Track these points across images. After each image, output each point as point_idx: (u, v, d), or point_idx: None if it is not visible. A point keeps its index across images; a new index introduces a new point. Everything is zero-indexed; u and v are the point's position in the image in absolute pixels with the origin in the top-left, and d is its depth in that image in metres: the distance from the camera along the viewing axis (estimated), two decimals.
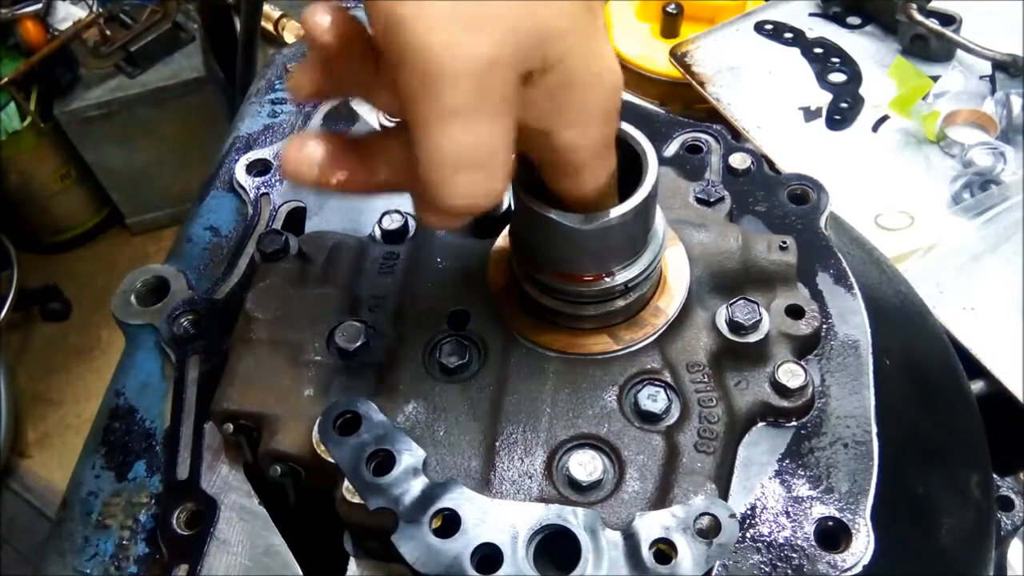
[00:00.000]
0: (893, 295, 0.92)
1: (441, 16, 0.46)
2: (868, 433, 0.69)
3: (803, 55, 1.54)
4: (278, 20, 2.54)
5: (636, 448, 0.65)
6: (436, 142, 0.48)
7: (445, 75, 0.46)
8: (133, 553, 0.74)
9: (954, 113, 1.40)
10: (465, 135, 0.48)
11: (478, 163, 0.50)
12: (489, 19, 0.46)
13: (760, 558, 0.64)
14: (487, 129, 0.49)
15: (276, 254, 0.80)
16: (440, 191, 0.50)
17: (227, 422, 0.71)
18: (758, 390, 0.70)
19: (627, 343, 0.69)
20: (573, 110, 0.52)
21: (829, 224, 0.85)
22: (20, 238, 3.24)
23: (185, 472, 0.74)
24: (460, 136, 0.48)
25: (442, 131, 0.48)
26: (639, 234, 0.64)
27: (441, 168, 0.49)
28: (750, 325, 0.69)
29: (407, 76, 0.47)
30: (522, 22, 0.47)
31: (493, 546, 0.57)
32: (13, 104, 2.88)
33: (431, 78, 0.46)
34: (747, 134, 1.41)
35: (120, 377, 0.85)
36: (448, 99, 0.47)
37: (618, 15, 1.67)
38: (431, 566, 0.56)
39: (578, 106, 0.52)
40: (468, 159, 0.49)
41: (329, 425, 0.63)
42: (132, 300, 0.87)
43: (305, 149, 0.55)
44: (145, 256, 3.30)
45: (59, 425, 3.01)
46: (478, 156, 0.49)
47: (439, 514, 0.58)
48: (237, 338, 0.75)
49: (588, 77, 0.52)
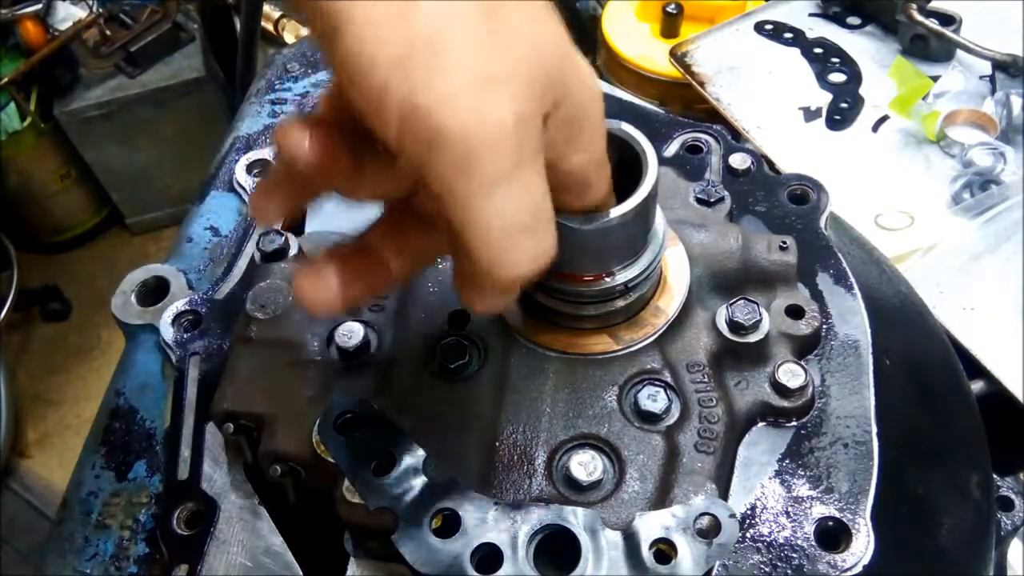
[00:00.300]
0: (893, 295, 0.92)
1: (460, 88, 0.43)
2: (868, 433, 0.69)
3: (803, 55, 1.54)
4: (278, 20, 2.55)
5: (636, 448, 0.65)
6: (487, 217, 0.45)
7: (485, 146, 0.43)
8: (133, 553, 0.74)
9: (954, 113, 1.39)
10: (513, 198, 0.45)
11: (531, 222, 0.46)
12: (506, 72, 0.44)
13: (760, 558, 0.64)
14: (530, 184, 0.46)
15: (276, 254, 0.80)
16: (502, 264, 0.47)
17: (227, 422, 0.71)
18: (758, 390, 0.70)
19: (627, 343, 0.69)
20: (584, 136, 0.51)
21: (829, 224, 0.85)
22: (20, 238, 3.23)
23: (185, 472, 0.74)
24: (509, 201, 0.45)
25: (490, 203, 0.44)
26: (639, 234, 0.64)
27: (499, 240, 0.46)
28: (750, 325, 0.69)
29: (441, 161, 0.43)
30: (534, 64, 0.45)
31: (493, 546, 0.57)
32: (13, 104, 2.87)
33: (470, 154, 0.43)
34: (747, 134, 1.41)
35: (120, 377, 0.85)
36: (490, 169, 0.44)
37: (618, 15, 1.67)
38: (431, 566, 0.56)
39: (588, 131, 0.51)
40: (521, 222, 0.46)
41: (329, 425, 0.63)
42: (132, 300, 0.87)
43: (320, 282, 0.54)
44: (145, 256, 3.30)
45: (59, 425, 3.00)
46: (529, 214, 0.46)
47: (439, 514, 0.58)
48: (237, 338, 0.75)
49: (591, 97, 0.51)
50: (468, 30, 0.44)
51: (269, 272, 0.79)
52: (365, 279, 0.55)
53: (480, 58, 0.43)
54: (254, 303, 0.76)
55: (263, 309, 0.75)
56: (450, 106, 0.42)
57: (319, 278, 0.54)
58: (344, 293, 0.54)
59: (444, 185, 0.44)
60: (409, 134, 0.43)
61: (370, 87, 0.43)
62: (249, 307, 0.76)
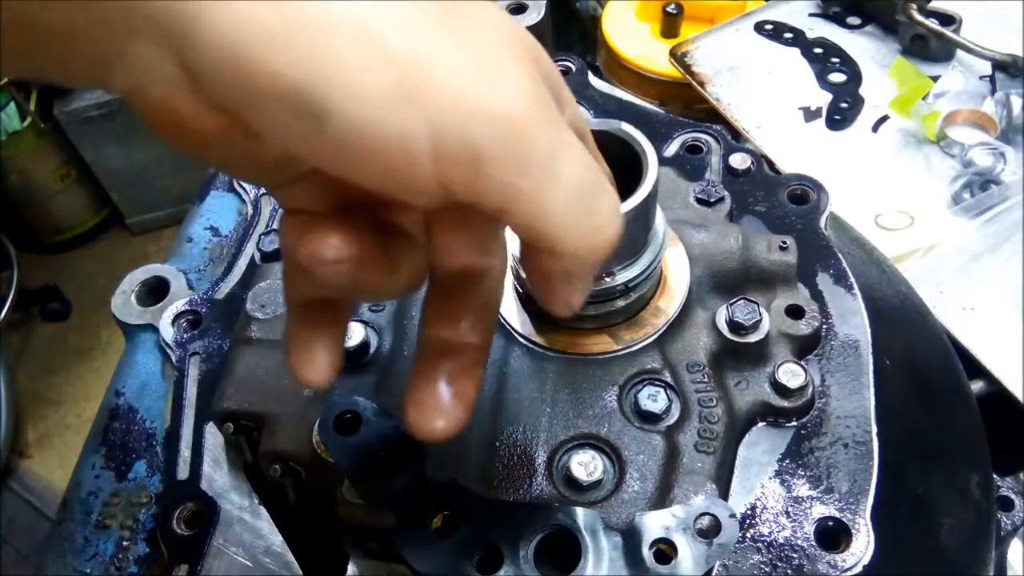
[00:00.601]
0: (893, 295, 0.92)
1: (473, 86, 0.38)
2: (868, 433, 0.69)
3: (803, 55, 1.54)
4: None
5: (636, 448, 0.65)
6: (560, 194, 0.41)
7: (528, 122, 0.39)
8: (133, 553, 0.74)
9: (954, 113, 1.39)
10: (571, 161, 0.42)
11: (594, 178, 0.43)
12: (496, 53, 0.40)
13: (760, 558, 0.64)
14: (572, 141, 0.42)
15: (276, 254, 0.80)
16: (589, 233, 0.43)
17: (227, 422, 0.71)
18: (758, 390, 0.70)
19: (627, 343, 0.69)
20: (565, 93, 0.49)
21: (829, 224, 0.85)
22: (20, 238, 3.24)
23: (185, 472, 0.74)
24: (569, 167, 0.41)
25: (556, 180, 0.40)
26: (639, 234, 0.64)
27: (578, 213, 0.42)
28: (750, 325, 0.69)
29: (496, 170, 0.39)
30: (508, 38, 0.42)
31: (493, 546, 0.57)
32: (13, 104, 2.88)
33: (519, 138, 0.39)
34: (747, 134, 1.40)
35: (120, 377, 0.85)
36: (541, 143, 0.40)
37: (618, 15, 1.66)
38: (431, 566, 0.56)
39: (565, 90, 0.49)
40: (588, 181, 0.43)
41: (329, 425, 0.63)
42: (132, 300, 0.87)
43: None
44: (145, 256, 3.30)
45: (59, 425, 3.01)
46: (590, 171, 0.43)
47: (439, 514, 0.58)
48: (237, 338, 0.75)
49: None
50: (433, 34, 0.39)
51: (269, 272, 0.79)
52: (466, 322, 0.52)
53: (467, 53, 0.39)
54: (254, 303, 0.76)
55: (263, 309, 0.75)
56: (478, 109, 0.38)
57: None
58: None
59: (505, 192, 0.39)
60: (449, 164, 0.38)
61: (382, 146, 0.37)
62: (249, 307, 0.76)
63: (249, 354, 0.74)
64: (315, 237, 0.42)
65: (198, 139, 0.41)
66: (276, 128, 0.38)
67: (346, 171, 0.39)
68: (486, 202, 0.40)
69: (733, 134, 1.04)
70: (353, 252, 0.43)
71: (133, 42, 0.37)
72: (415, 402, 0.50)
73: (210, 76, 0.37)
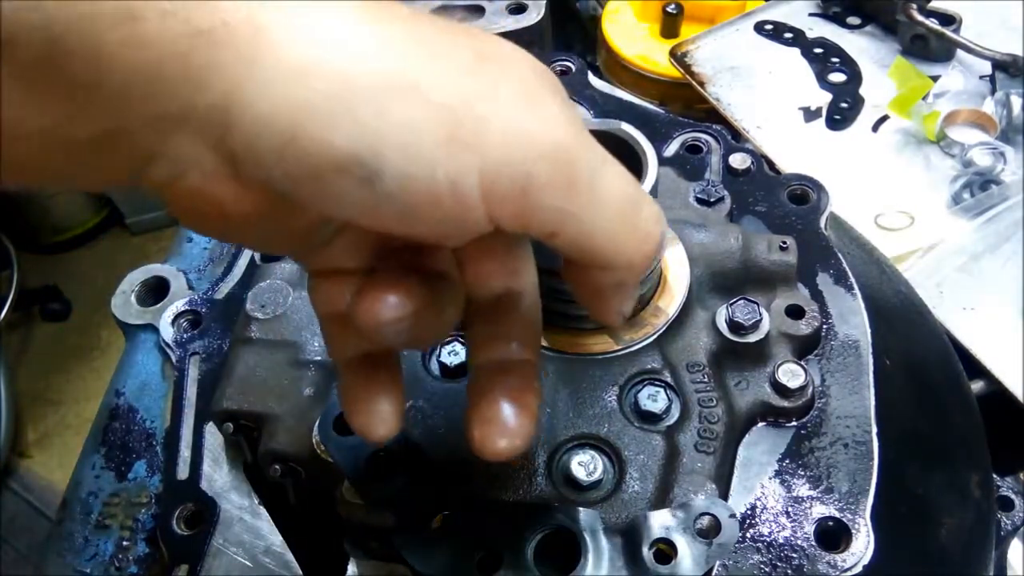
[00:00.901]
0: (893, 295, 0.92)
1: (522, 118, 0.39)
2: (868, 433, 0.69)
3: (803, 55, 1.54)
4: None
5: (636, 448, 0.65)
6: (608, 210, 0.42)
7: (572, 146, 0.40)
8: (133, 553, 0.74)
9: (954, 113, 1.39)
10: (611, 175, 0.43)
11: (634, 189, 0.44)
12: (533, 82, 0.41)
13: (760, 558, 0.64)
14: (605, 153, 0.43)
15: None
16: (637, 242, 0.44)
17: (227, 422, 0.71)
18: (758, 390, 0.70)
19: (627, 343, 0.69)
20: None
21: (829, 224, 0.85)
22: (20, 238, 3.23)
23: (185, 472, 0.74)
24: (611, 181, 0.42)
25: (599, 196, 0.41)
26: None
27: (625, 225, 0.43)
28: (750, 325, 0.69)
29: (547, 195, 0.39)
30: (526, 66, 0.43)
31: (493, 546, 0.57)
32: None
33: (566, 161, 0.40)
34: (747, 134, 1.40)
35: (120, 377, 0.86)
36: (583, 163, 0.41)
37: (618, 15, 1.66)
38: (431, 566, 0.56)
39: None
40: (629, 193, 0.43)
41: (329, 425, 0.63)
42: (132, 300, 0.87)
43: None
44: (145, 256, 3.29)
45: (59, 425, 3.00)
46: (630, 183, 0.44)
47: (439, 514, 0.58)
48: (237, 338, 0.75)
49: None
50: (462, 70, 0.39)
51: (269, 272, 0.79)
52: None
53: (507, 92, 0.40)
54: (254, 303, 0.76)
55: (263, 309, 0.75)
56: (529, 143, 0.38)
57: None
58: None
59: (556, 217, 0.40)
60: (501, 200, 0.38)
61: (438, 196, 0.37)
62: (249, 307, 0.76)
63: (249, 354, 0.74)
64: (369, 298, 0.42)
65: (235, 223, 0.40)
66: (327, 198, 0.38)
67: (398, 226, 0.39)
68: (537, 230, 0.40)
69: (733, 134, 1.04)
70: (412, 307, 0.42)
71: (173, 137, 0.36)
72: (481, 420, 0.49)
73: (254, 158, 0.36)
